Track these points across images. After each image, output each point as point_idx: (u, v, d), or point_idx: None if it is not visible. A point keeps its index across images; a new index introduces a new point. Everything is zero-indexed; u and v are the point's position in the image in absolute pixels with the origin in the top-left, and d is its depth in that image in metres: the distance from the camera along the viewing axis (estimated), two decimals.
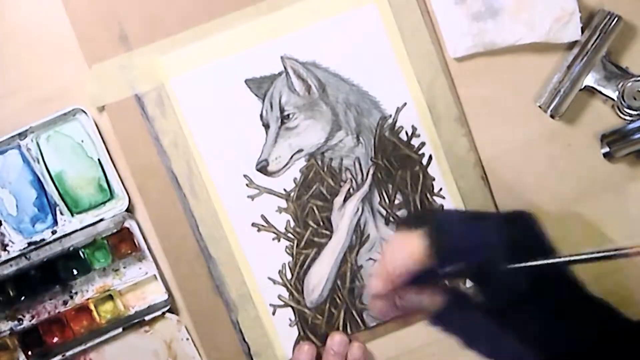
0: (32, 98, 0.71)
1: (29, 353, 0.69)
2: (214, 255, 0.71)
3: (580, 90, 0.72)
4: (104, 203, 0.71)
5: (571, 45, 0.72)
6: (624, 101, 0.71)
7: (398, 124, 0.73)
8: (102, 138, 0.70)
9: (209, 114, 0.72)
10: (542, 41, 0.71)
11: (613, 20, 0.71)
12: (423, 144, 0.73)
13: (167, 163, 0.71)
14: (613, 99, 0.71)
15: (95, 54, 0.71)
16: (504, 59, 0.73)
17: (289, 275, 0.72)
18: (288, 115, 0.72)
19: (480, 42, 0.72)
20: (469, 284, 0.63)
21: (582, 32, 0.72)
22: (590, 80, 0.72)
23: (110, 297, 0.70)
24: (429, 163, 0.73)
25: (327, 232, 0.72)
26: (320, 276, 0.72)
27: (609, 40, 0.72)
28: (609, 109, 0.73)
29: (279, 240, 0.72)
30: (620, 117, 0.72)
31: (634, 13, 0.73)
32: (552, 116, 0.72)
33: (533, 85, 0.73)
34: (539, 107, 0.73)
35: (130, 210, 0.71)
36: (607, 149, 0.73)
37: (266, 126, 0.72)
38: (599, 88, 0.72)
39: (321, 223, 0.72)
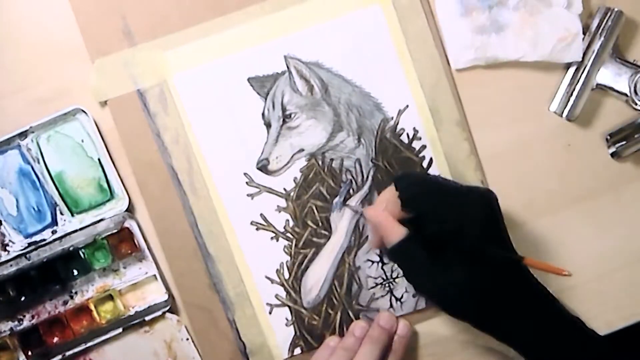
0: (32, 98, 0.70)
1: (29, 353, 0.69)
2: (212, 253, 0.71)
3: (592, 89, 0.73)
4: (104, 203, 0.70)
5: None
6: (638, 94, 0.72)
7: (399, 126, 0.73)
8: (102, 138, 0.70)
9: (210, 112, 0.71)
10: (544, 60, 0.71)
11: (615, 16, 0.72)
12: (424, 147, 0.73)
13: (167, 159, 0.71)
14: (626, 94, 0.72)
15: (99, 48, 0.71)
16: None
17: (286, 275, 0.72)
18: (290, 114, 0.72)
19: (483, 55, 0.71)
20: None
21: (585, 32, 0.72)
22: (600, 78, 0.72)
23: (110, 297, 0.70)
24: (430, 166, 0.73)
25: (326, 233, 0.72)
26: (317, 276, 0.72)
27: (614, 36, 0.72)
28: (611, 108, 0.74)
29: (277, 240, 0.72)
30: (635, 109, 0.73)
31: (634, 9, 0.74)
32: (568, 119, 0.73)
33: (534, 85, 0.74)
34: (554, 112, 0.73)
35: (130, 210, 0.71)
36: (614, 148, 0.73)
37: (268, 125, 0.72)
38: (610, 85, 0.72)
39: (320, 223, 0.72)
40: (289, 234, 0.72)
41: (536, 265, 0.62)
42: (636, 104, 0.72)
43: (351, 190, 0.72)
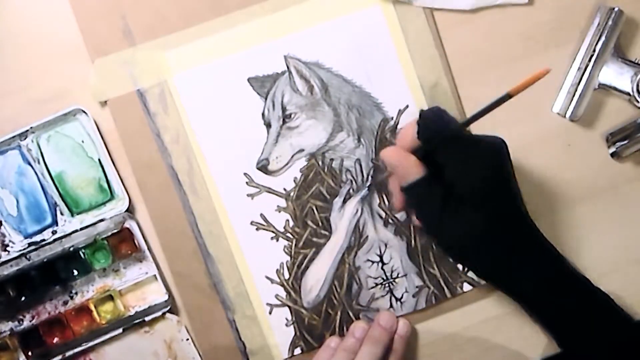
0: (32, 98, 0.70)
1: (29, 353, 0.69)
2: (212, 253, 0.71)
3: (595, 89, 0.73)
4: (104, 203, 0.70)
5: (577, 46, 0.73)
6: None
7: (399, 126, 0.73)
8: (102, 138, 0.70)
9: (210, 111, 0.71)
10: None
11: (616, 15, 0.72)
12: None
13: (167, 159, 0.71)
14: (628, 93, 0.72)
15: (99, 48, 0.71)
16: (504, 62, 0.73)
17: (286, 275, 0.72)
18: (290, 114, 0.72)
19: None
20: None
21: (586, 32, 0.72)
22: (603, 77, 0.73)
23: (111, 298, 0.70)
24: None
25: (326, 233, 0.72)
26: (318, 276, 0.72)
27: (616, 35, 0.72)
28: (611, 108, 0.74)
29: (277, 240, 0.72)
30: (638, 107, 0.73)
31: (634, 8, 0.74)
32: (572, 120, 0.73)
33: (534, 85, 0.73)
34: (557, 114, 0.73)
35: (130, 210, 0.71)
36: (614, 148, 0.74)
37: (267, 125, 0.72)
38: (613, 84, 0.72)
39: (320, 223, 0.72)
40: (289, 234, 0.72)
41: (522, 87, 0.60)
42: (638, 102, 0.72)
43: (351, 190, 0.72)
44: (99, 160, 0.70)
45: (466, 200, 0.62)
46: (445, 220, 0.62)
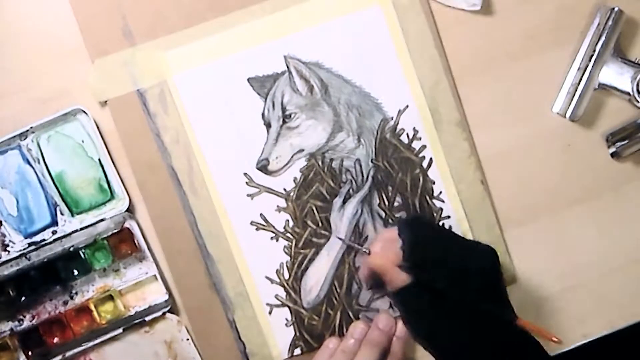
0: (33, 98, 0.70)
1: (29, 353, 0.69)
2: (212, 253, 0.71)
3: (595, 89, 0.73)
4: (104, 203, 0.71)
5: (577, 46, 0.73)
6: None
7: (399, 127, 0.73)
8: (102, 138, 0.70)
9: (210, 112, 0.71)
10: None
11: (616, 15, 0.72)
12: (424, 147, 0.73)
13: (167, 159, 0.71)
14: (628, 93, 0.72)
15: (99, 48, 0.71)
16: (504, 62, 0.73)
17: (286, 275, 0.72)
18: (290, 114, 0.72)
19: None
20: None
21: (586, 32, 0.72)
22: (603, 77, 0.73)
23: (111, 298, 0.70)
24: (430, 166, 0.73)
25: (326, 233, 0.72)
26: (317, 277, 0.72)
27: (616, 35, 0.72)
28: (611, 108, 0.74)
29: (277, 240, 0.72)
30: (638, 107, 0.73)
31: (634, 8, 0.74)
32: (572, 120, 0.73)
33: (534, 85, 0.74)
34: (557, 114, 0.73)
35: (130, 210, 0.71)
36: (614, 148, 0.74)
37: (267, 125, 0.72)
38: (613, 84, 0.73)
39: (320, 223, 0.72)
40: (289, 234, 0.72)
41: (528, 327, 0.64)
42: (638, 102, 0.72)
43: (351, 190, 0.72)
44: (99, 160, 0.70)
45: (457, 306, 0.64)
46: (435, 328, 0.65)
